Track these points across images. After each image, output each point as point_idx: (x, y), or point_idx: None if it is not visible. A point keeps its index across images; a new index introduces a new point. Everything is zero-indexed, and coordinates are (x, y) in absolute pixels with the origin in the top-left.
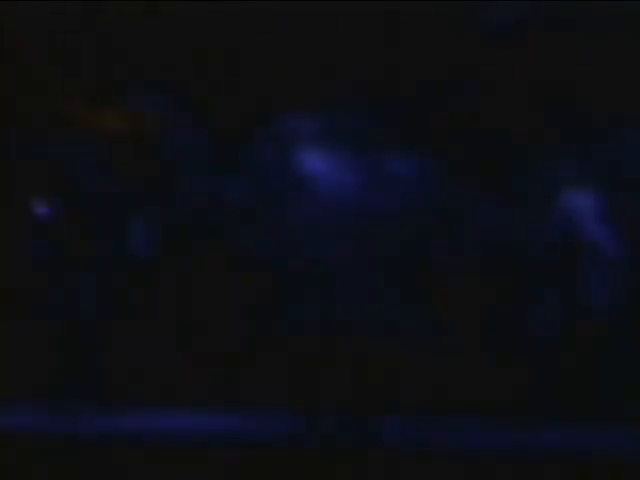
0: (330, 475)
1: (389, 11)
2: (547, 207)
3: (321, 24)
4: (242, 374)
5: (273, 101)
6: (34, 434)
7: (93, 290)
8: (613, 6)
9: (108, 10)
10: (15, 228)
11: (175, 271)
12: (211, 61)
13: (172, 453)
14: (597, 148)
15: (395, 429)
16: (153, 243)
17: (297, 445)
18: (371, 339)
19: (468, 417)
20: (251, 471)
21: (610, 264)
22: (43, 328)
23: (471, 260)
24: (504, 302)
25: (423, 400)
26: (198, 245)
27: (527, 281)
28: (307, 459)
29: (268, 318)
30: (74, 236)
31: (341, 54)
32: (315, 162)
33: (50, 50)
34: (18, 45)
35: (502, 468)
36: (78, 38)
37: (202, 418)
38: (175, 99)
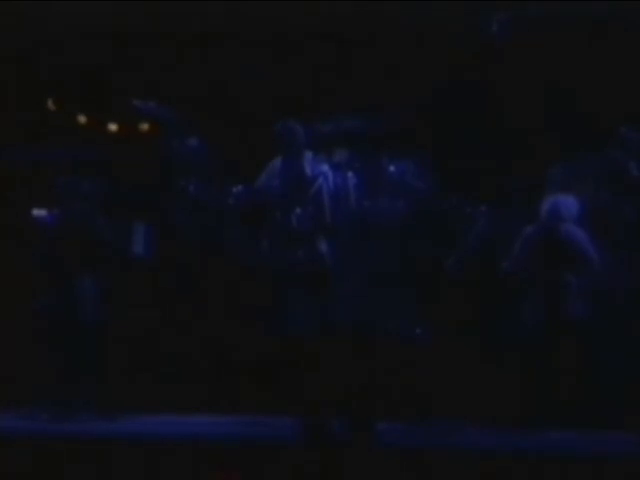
0: (330, 476)
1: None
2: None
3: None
4: (242, 376)
5: (276, 106)
6: (33, 436)
7: (93, 292)
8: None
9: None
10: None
11: (175, 273)
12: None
13: (171, 456)
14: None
15: (394, 431)
16: (153, 245)
17: (297, 447)
18: (369, 341)
19: (467, 418)
20: (252, 474)
21: (593, 267)
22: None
23: (467, 262)
24: (499, 303)
25: (422, 401)
26: (198, 248)
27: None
28: (307, 461)
29: (267, 319)
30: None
31: (342, 60)
32: (315, 165)
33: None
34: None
35: (501, 469)
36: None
37: (202, 421)
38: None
